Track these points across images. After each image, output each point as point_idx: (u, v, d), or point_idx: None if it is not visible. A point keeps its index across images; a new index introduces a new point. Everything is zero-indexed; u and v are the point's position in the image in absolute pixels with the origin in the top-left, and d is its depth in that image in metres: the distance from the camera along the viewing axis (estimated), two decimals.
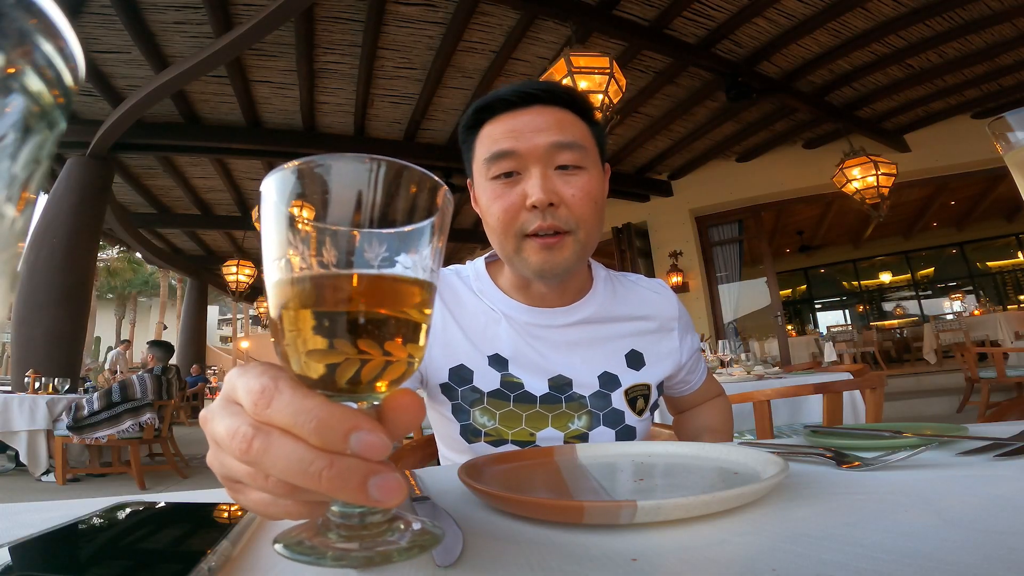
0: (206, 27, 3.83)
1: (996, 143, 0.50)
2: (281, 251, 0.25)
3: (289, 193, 0.24)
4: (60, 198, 4.96)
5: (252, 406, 0.23)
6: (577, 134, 0.71)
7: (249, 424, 0.23)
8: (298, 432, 0.22)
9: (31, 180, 0.13)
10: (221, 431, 0.24)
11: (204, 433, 0.27)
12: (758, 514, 0.33)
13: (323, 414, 0.22)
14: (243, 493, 0.25)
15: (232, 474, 0.25)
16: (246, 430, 0.23)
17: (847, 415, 1.76)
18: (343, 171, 0.24)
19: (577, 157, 0.70)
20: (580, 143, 0.71)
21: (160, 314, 24.64)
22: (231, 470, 0.25)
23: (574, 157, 0.70)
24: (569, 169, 0.70)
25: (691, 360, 0.90)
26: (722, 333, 6.66)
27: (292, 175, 0.24)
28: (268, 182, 0.25)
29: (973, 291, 11.56)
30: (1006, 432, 0.52)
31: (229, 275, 7.46)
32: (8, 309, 0.15)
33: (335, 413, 0.22)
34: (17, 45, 0.12)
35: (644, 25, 4.00)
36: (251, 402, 0.23)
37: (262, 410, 0.23)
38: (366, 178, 0.24)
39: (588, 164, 0.71)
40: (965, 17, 4.04)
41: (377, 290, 0.25)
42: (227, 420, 0.24)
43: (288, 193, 0.24)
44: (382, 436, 0.23)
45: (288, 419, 0.22)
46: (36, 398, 3.83)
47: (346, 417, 0.22)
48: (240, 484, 0.25)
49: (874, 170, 4.88)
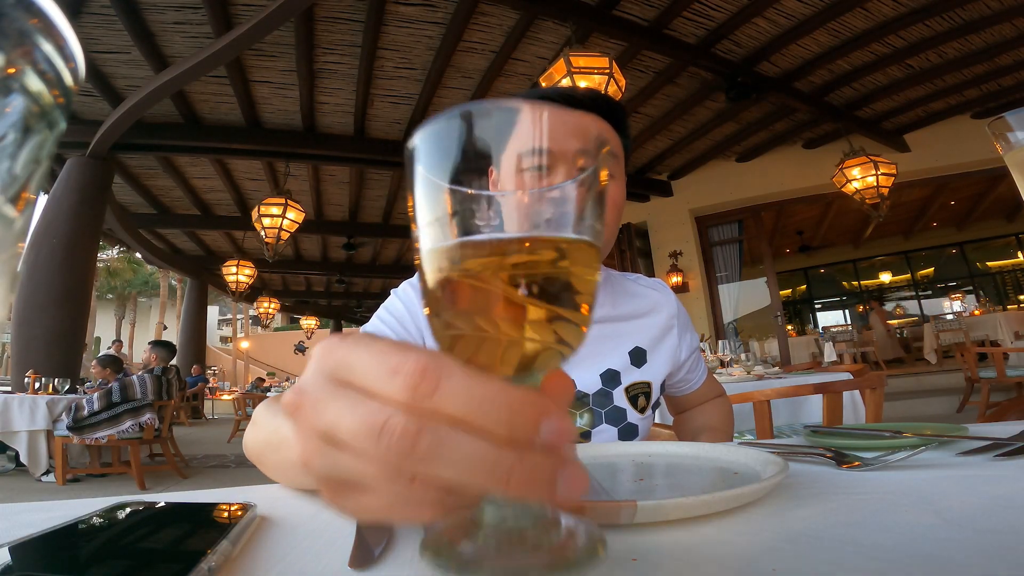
0: (206, 27, 3.83)
1: (996, 143, 0.50)
2: (441, 212, 0.22)
3: (456, 144, 0.22)
4: (60, 198, 4.96)
5: (411, 391, 0.19)
6: (613, 143, 0.73)
7: (407, 415, 0.18)
8: (482, 422, 0.19)
9: (31, 180, 0.13)
10: (352, 424, 0.19)
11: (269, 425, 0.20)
12: (758, 514, 0.33)
13: (512, 400, 0.19)
14: (357, 498, 0.20)
15: (347, 475, 0.20)
16: (404, 423, 0.18)
17: (847, 415, 1.76)
18: (509, 119, 0.22)
19: (610, 165, 0.71)
20: (614, 151, 0.73)
21: (160, 314, 24.65)
22: (349, 471, 0.20)
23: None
24: None
25: (691, 359, 0.90)
26: (722, 333, 6.66)
27: (458, 121, 0.21)
28: (428, 132, 0.22)
29: (973, 291, 11.56)
30: (1006, 432, 0.52)
31: (229, 275, 7.45)
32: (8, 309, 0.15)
33: (525, 398, 0.19)
34: (17, 45, 0.12)
35: (644, 25, 4.00)
36: (409, 386, 0.19)
37: (426, 396, 0.18)
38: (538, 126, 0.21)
39: (617, 173, 0.74)
40: (965, 17, 4.04)
41: (559, 255, 0.22)
42: (359, 409, 0.19)
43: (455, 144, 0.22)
44: (570, 421, 0.20)
45: (467, 407, 0.19)
46: (36, 398, 3.83)
47: (535, 402, 0.19)
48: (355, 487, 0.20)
49: (874, 170, 4.88)
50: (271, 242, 5.58)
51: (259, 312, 10.76)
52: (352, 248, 8.40)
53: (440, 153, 0.22)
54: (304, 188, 6.55)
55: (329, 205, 7.36)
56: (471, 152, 0.21)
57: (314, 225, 7.37)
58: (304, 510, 0.39)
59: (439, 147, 0.22)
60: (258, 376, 16.64)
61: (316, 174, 6.36)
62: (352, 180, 6.43)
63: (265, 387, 11.71)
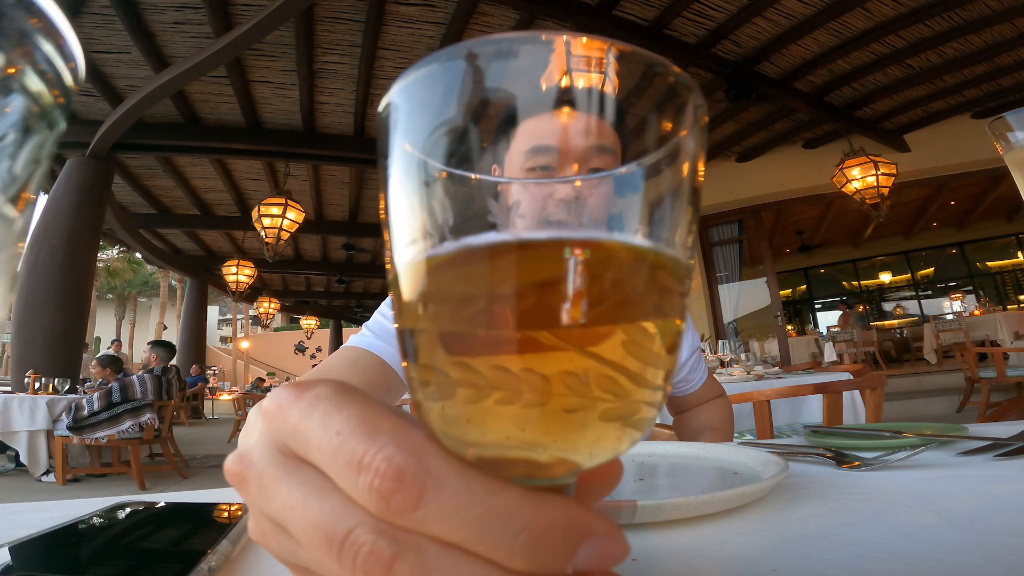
0: (206, 27, 3.84)
1: (996, 143, 0.50)
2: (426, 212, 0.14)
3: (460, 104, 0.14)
4: (60, 198, 4.96)
5: (382, 502, 0.13)
6: (614, 142, 0.73)
7: (373, 530, 0.13)
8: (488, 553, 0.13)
9: (31, 180, 0.13)
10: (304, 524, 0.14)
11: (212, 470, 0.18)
12: (758, 514, 0.33)
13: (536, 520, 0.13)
14: None
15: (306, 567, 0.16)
16: (373, 541, 0.13)
17: (847, 415, 1.76)
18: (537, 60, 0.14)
19: (611, 162, 0.71)
20: (615, 150, 0.72)
21: (160, 314, 24.65)
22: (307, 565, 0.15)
23: (608, 162, 0.71)
24: None
25: (691, 359, 0.90)
26: (722, 333, 6.66)
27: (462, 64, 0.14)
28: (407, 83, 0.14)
29: (973, 291, 11.57)
30: (1006, 432, 0.52)
31: (229, 275, 7.45)
32: (8, 309, 0.14)
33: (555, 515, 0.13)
34: (17, 45, 0.12)
35: (644, 25, 4.01)
36: (379, 495, 0.13)
37: (403, 513, 0.13)
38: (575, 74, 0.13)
39: None
40: (965, 17, 4.04)
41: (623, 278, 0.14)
42: (311, 506, 0.14)
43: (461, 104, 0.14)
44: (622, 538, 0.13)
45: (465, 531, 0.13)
46: (36, 398, 3.83)
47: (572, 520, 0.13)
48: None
49: (874, 170, 4.88)
50: (271, 242, 5.58)
51: (259, 312, 10.76)
52: (352, 249, 8.41)
53: (430, 114, 0.14)
54: (304, 188, 6.55)
55: (329, 205, 7.36)
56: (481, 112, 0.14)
57: (314, 225, 7.38)
58: None
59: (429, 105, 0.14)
60: (258, 376, 16.65)
61: (316, 174, 6.36)
62: (352, 180, 6.43)
63: (265, 387, 11.71)
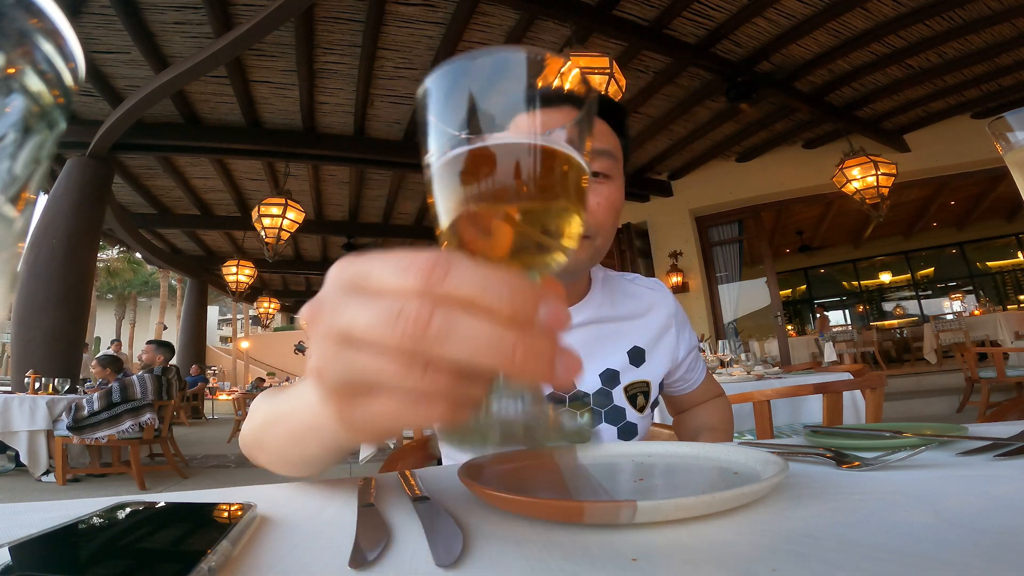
0: (206, 27, 3.84)
1: (996, 143, 0.50)
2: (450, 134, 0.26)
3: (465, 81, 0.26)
4: (60, 198, 4.96)
5: (424, 280, 0.20)
6: (611, 143, 0.72)
7: (420, 302, 0.20)
8: (488, 303, 0.20)
9: (31, 180, 0.13)
10: (368, 318, 0.20)
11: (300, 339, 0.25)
12: (758, 514, 0.33)
13: (515, 284, 0.20)
14: (369, 404, 0.22)
15: (364, 375, 0.21)
16: (418, 309, 0.20)
17: (847, 415, 1.76)
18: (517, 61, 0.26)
19: (608, 166, 0.71)
20: (613, 153, 0.72)
21: (160, 314, 24.63)
22: (363, 369, 0.21)
23: (605, 166, 0.71)
24: (599, 177, 0.71)
25: (690, 358, 0.90)
26: (722, 333, 6.66)
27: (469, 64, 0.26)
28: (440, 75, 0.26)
29: (973, 291, 11.57)
30: (1006, 432, 0.52)
31: (229, 275, 7.45)
32: (8, 309, 0.15)
33: (525, 283, 0.20)
34: (17, 45, 0.12)
35: (644, 25, 4.00)
36: (422, 275, 0.20)
37: (437, 283, 0.20)
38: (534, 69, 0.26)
39: (615, 174, 0.73)
40: (965, 17, 4.04)
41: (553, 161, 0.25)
42: (375, 304, 0.20)
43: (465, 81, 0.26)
44: (565, 306, 0.21)
45: (474, 290, 0.20)
46: (36, 398, 3.83)
47: (534, 287, 0.21)
48: (369, 390, 0.22)
49: (874, 170, 4.88)
50: (271, 242, 5.58)
51: (259, 312, 10.76)
52: (352, 249, 8.40)
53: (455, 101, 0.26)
54: (304, 188, 6.55)
55: (329, 205, 7.36)
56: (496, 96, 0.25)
57: (314, 225, 7.37)
58: (304, 510, 0.39)
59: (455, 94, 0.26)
60: (258, 376, 16.64)
61: (316, 174, 6.35)
62: (352, 180, 6.43)
63: (265, 387, 11.69)
